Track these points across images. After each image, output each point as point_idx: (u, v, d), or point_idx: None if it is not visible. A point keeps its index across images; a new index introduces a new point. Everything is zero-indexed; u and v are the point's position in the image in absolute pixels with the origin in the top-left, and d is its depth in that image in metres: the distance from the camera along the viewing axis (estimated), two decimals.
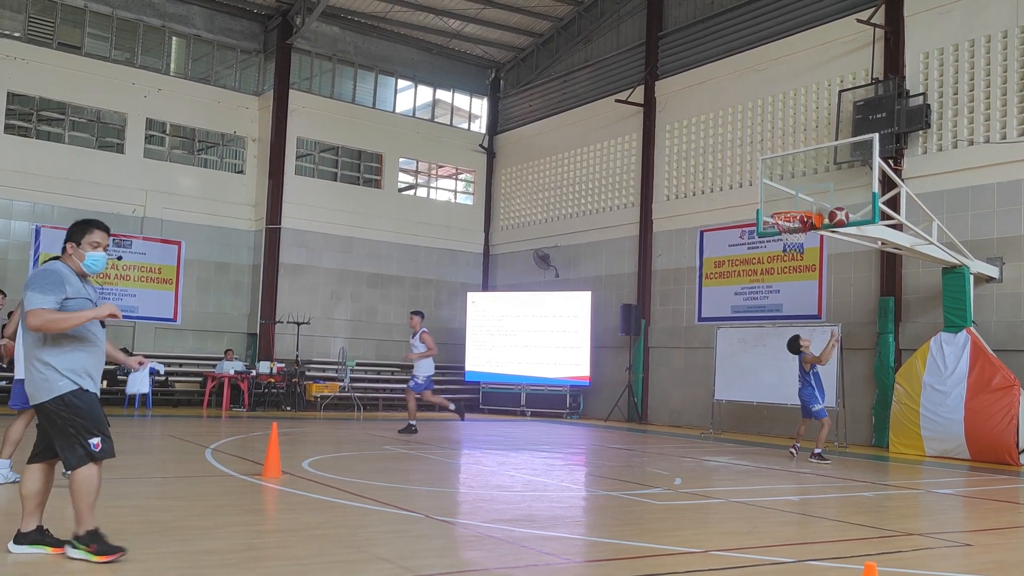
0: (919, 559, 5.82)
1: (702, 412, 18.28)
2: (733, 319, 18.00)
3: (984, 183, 14.42)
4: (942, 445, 13.28)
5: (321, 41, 22.88)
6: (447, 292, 24.30)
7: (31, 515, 5.01)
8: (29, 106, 19.78)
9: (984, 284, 14.18)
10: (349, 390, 19.41)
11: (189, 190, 21.38)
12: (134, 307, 20.48)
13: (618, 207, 21.43)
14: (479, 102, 25.91)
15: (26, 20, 19.77)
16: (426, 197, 25.17)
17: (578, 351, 20.67)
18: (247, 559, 5.12)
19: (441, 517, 6.77)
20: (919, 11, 15.47)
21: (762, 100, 18.16)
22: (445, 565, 5.27)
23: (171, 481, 8.54)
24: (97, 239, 5.15)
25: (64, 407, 4.86)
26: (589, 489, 9.18)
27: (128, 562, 4.89)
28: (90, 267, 5.14)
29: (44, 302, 4.84)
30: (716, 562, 5.46)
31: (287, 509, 7.20)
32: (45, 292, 4.87)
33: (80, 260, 5.11)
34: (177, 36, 21.86)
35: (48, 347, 4.91)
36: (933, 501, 9.18)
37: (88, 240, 5.13)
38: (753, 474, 10.62)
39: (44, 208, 19.60)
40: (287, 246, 21.80)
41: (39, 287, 4.88)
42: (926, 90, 15.28)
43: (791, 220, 12.19)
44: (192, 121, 21.64)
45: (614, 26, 22.25)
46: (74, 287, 5.02)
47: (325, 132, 22.82)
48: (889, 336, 15.25)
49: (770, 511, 7.68)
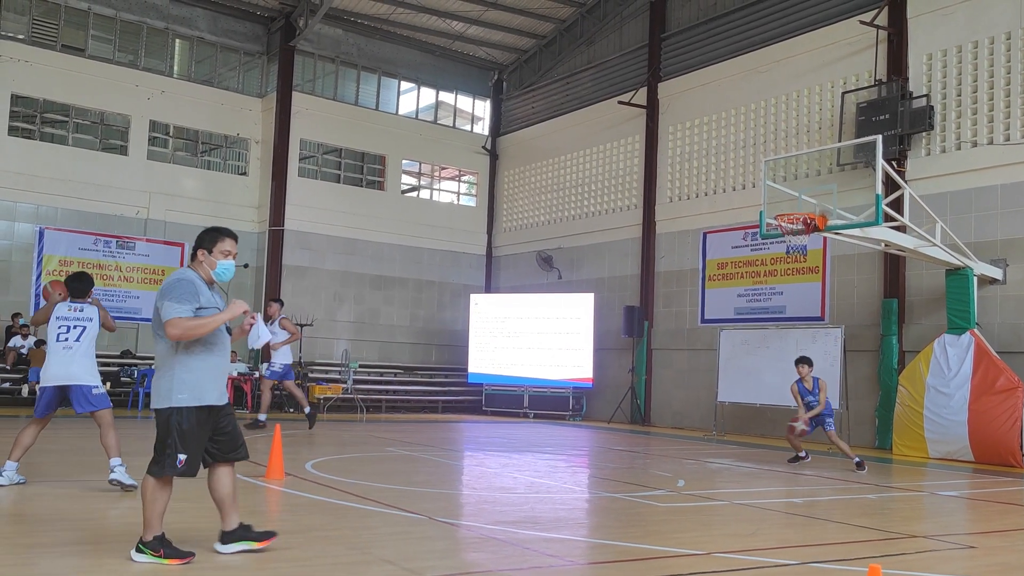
0: (923, 561, 5.81)
1: (705, 414, 18.26)
2: (736, 321, 17.98)
3: (988, 185, 14.40)
4: (946, 447, 13.26)
5: (324, 43, 22.91)
6: (450, 294, 24.30)
7: (228, 514, 5.21)
8: (33, 108, 19.82)
9: (988, 286, 14.16)
10: (352, 392, 19.42)
11: (192, 192, 21.41)
12: (137, 309, 20.50)
13: (621, 209, 21.43)
14: (482, 104, 25.93)
15: (30, 22, 19.81)
16: (429, 199, 25.18)
17: (581, 353, 20.66)
18: (250, 561, 5.12)
19: (444, 519, 6.77)
20: (922, 12, 15.46)
21: (765, 102, 18.15)
22: (448, 567, 5.26)
23: (174, 482, 8.52)
24: (228, 247, 5.24)
25: (176, 418, 4.99)
26: (592, 491, 9.18)
27: (131, 564, 4.90)
28: (220, 275, 5.22)
29: (181, 311, 4.92)
30: (719, 564, 5.45)
31: (290, 511, 7.20)
32: (182, 301, 4.95)
33: (211, 268, 5.19)
34: (181, 38, 21.89)
35: (181, 355, 5.03)
36: (937, 503, 9.17)
37: (219, 248, 5.21)
38: (756, 476, 10.61)
39: (48, 210, 19.63)
40: (290, 248, 21.81)
41: (175, 296, 4.96)
42: (929, 91, 15.27)
43: (794, 222, 12.17)
44: (195, 123, 21.67)
45: (617, 28, 22.25)
46: (204, 295, 5.10)
47: (328, 134, 22.84)
48: (892, 338, 15.23)
49: (773, 513, 7.67)
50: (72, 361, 7.49)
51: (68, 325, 7.60)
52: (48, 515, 6.37)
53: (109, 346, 20.17)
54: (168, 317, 4.90)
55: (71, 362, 7.49)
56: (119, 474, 7.40)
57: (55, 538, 5.63)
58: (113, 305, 20.24)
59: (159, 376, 5.07)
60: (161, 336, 5.05)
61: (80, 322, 7.63)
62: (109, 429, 7.54)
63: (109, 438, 7.52)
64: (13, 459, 7.46)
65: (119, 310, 20.32)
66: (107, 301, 20.13)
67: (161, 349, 5.07)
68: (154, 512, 4.97)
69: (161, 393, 5.04)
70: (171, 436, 4.98)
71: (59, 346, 7.55)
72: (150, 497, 4.99)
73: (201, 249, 5.20)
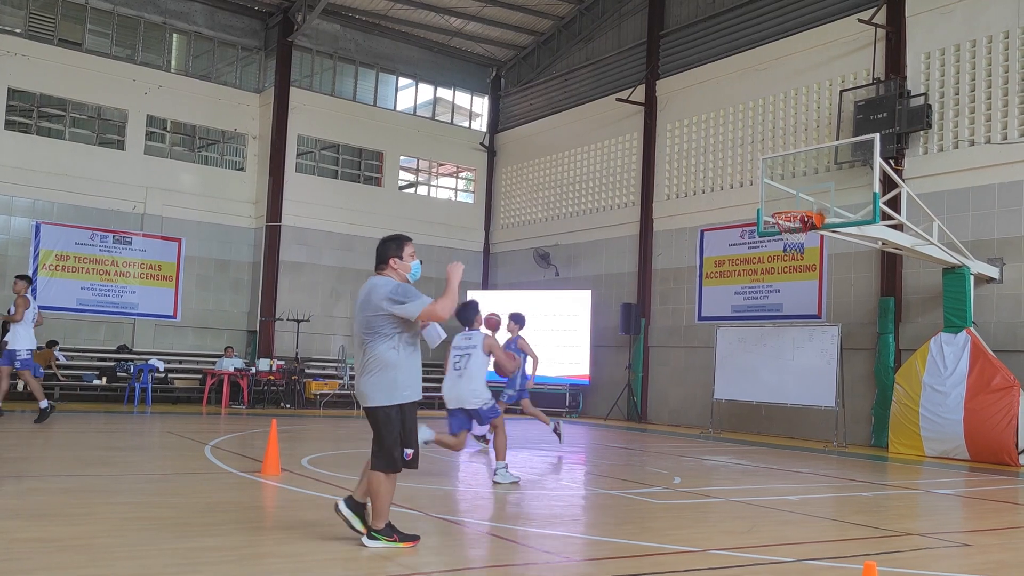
0: (918, 559, 5.82)
1: (701, 411, 18.27)
2: (733, 319, 17.99)
3: (985, 184, 14.41)
4: (941, 445, 13.28)
5: (322, 39, 22.87)
6: None
7: (364, 494, 5.53)
8: (30, 102, 19.77)
9: (984, 285, 14.18)
10: (348, 388, 19.41)
11: (189, 187, 21.37)
12: (134, 304, 20.48)
13: (618, 206, 21.43)
14: (480, 100, 25.91)
15: (27, 16, 19.76)
16: (426, 195, 25.17)
17: (578, 350, 20.66)
18: (246, 556, 5.12)
19: (440, 515, 6.77)
20: (920, 11, 15.46)
21: (763, 100, 18.15)
22: (444, 563, 5.27)
23: (170, 478, 8.54)
24: (412, 250, 5.72)
25: (399, 414, 5.38)
26: (588, 488, 9.18)
27: (126, 559, 4.90)
28: (415, 275, 5.69)
29: (425, 300, 5.37)
30: (715, 561, 5.45)
31: (286, 506, 7.20)
32: (417, 296, 5.39)
33: (407, 271, 5.64)
34: (178, 33, 21.85)
35: (400, 355, 5.41)
36: (932, 501, 9.18)
37: (408, 252, 5.68)
38: (752, 473, 10.62)
39: (44, 204, 19.60)
40: (287, 244, 21.79)
41: (409, 295, 5.39)
42: (927, 90, 15.27)
43: (792, 220, 12.18)
44: (193, 118, 21.64)
45: (615, 25, 22.23)
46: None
47: (326, 130, 22.82)
48: (889, 336, 15.24)
49: (769, 510, 7.67)
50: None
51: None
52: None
53: (105, 341, 20.17)
54: (419, 311, 5.34)
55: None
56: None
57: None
58: (109, 300, 20.23)
59: (376, 377, 5.38)
60: (384, 336, 5.39)
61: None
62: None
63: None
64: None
65: (115, 305, 20.31)
66: (103, 296, 20.13)
67: (378, 352, 5.40)
68: (385, 503, 5.39)
69: (383, 391, 5.37)
70: (398, 432, 5.36)
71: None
72: (383, 490, 5.36)
73: (392, 257, 5.62)
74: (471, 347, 8.87)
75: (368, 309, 5.42)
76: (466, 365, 8.75)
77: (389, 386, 5.37)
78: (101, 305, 20.06)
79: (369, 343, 5.42)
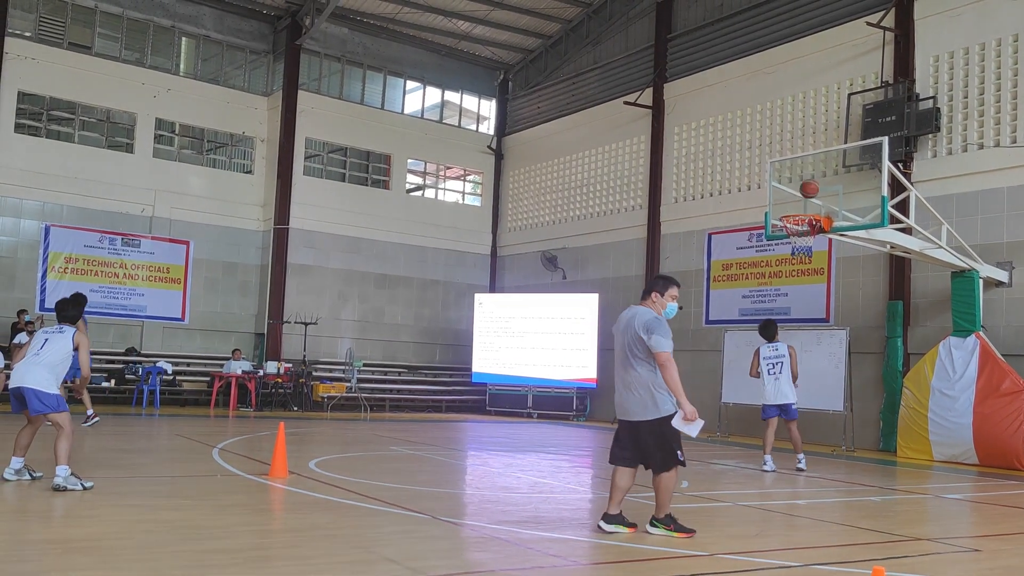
0: (927, 564, 5.80)
1: (709, 415, 18.17)
2: (741, 322, 17.95)
3: (994, 187, 14.35)
4: (950, 450, 13.23)
5: (330, 42, 22.92)
6: (454, 293, 24.30)
7: (618, 503, 6.37)
8: (39, 106, 19.86)
9: (993, 288, 14.12)
10: (356, 391, 19.43)
11: (198, 190, 21.43)
12: (142, 306, 20.54)
13: (626, 209, 21.41)
14: (487, 103, 25.93)
15: (37, 20, 19.85)
16: (434, 198, 25.19)
17: (585, 353, 20.64)
18: (254, 558, 5.13)
19: (447, 518, 6.77)
20: (929, 14, 15.42)
21: (771, 103, 18.12)
22: (451, 566, 5.26)
23: (178, 480, 8.56)
24: (675, 293, 6.63)
25: (668, 424, 6.22)
26: (595, 491, 9.16)
27: (135, 561, 4.91)
28: (668, 314, 6.55)
29: (669, 347, 6.23)
30: (723, 565, 5.44)
31: (294, 509, 7.21)
32: (668, 337, 6.24)
33: (662, 308, 6.51)
34: (187, 36, 21.93)
35: (656, 376, 6.24)
36: (941, 506, 9.14)
37: (670, 294, 6.59)
38: (760, 478, 10.59)
39: (53, 207, 19.67)
40: (295, 246, 21.83)
41: (665, 333, 6.24)
42: (936, 93, 15.23)
43: (800, 223, 12.13)
44: (201, 121, 21.70)
45: (623, 28, 22.23)
46: None
47: (333, 133, 22.86)
48: (898, 340, 15.19)
49: (777, 515, 7.65)
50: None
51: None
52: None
53: (114, 343, 20.22)
54: (664, 350, 6.18)
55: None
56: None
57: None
58: (118, 303, 20.30)
59: (642, 394, 6.26)
60: (643, 360, 6.26)
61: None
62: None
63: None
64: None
65: (124, 308, 20.37)
66: (112, 298, 20.20)
67: (643, 371, 6.27)
68: (667, 497, 6.27)
69: (655, 406, 6.24)
70: (673, 438, 6.23)
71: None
72: (670, 486, 6.26)
73: (655, 292, 6.55)
74: (780, 356, 11.10)
75: (630, 333, 6.33)
76: (781, 370, 11.01)
77: (658, 402, 6.22)
78: (110, 308, 20.12)
79: (632, 364, 6.28)
